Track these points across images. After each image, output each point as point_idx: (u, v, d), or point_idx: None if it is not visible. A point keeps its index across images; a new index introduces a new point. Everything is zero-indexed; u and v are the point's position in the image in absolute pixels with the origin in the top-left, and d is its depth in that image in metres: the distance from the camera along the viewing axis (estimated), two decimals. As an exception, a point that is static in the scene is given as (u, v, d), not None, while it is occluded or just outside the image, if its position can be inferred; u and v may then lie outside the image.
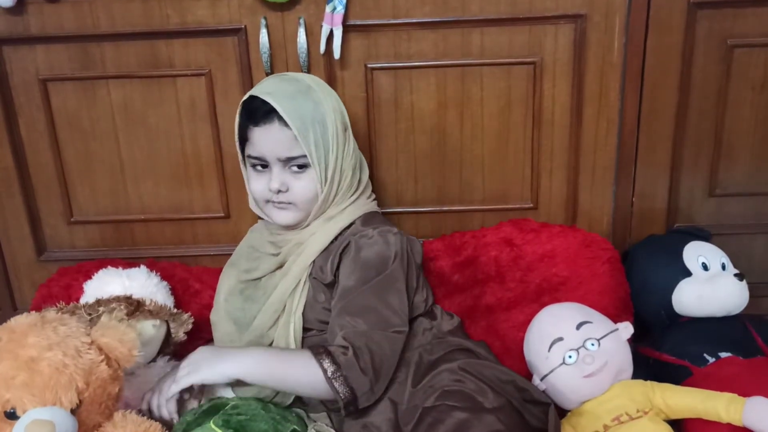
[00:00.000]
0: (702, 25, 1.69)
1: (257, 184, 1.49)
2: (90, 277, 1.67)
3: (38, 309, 1.62)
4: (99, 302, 1.53)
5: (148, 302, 1.56)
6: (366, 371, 1.35)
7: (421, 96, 1.74)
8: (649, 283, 1.73)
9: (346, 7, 1.64)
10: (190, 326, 1.64)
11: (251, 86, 1.73)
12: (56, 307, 1.54)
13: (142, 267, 1.69)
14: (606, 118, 1.75)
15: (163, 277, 1.72)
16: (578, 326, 1.50)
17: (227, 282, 1.62)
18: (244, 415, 1.35)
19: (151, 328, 1.57)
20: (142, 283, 1.63)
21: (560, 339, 1.49)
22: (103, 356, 1.32)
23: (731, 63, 1.72)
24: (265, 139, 1.44)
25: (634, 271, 1.75)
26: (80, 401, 1.27)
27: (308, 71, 1.70)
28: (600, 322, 1.52)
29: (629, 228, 1.86)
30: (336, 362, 1.34)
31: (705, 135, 1.79)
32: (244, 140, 1.49)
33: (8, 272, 1.93)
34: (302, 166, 1.45)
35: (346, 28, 1.67)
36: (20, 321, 1.31)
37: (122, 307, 1.52)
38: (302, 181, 1.46)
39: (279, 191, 1.46)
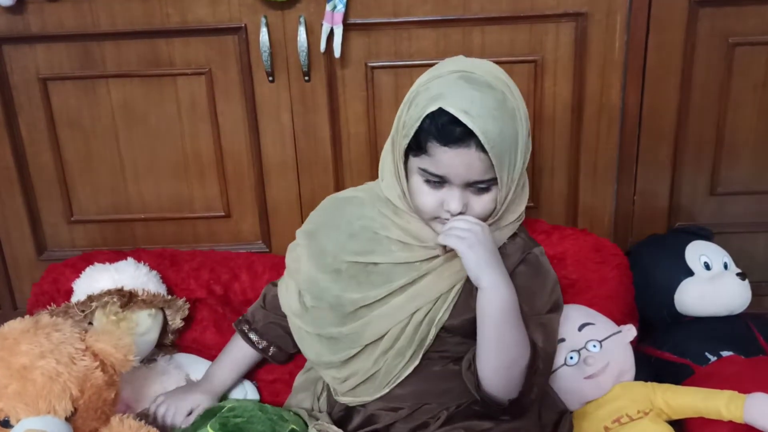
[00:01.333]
0: (703, 23, 1.69)
1: (429, 199, 1.28)
2: (77, 270, 1.66)
3: (33, 309, 1.63)
4: (91, 298, 1.53)
5: (140, 292, 1.56)
6: (537, 392, 1.33)
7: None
8: (651, 282, 1.73)
9: (347, 6, 1.64)
10: (186, 312, 1.65)
11: (251, 85, 1.74)
12: (47, 309, 1.53)
13: (130, 259, 1.67)
14: (607, 117, 1.75)
15: (151, 264, 1.70)
16: (580, 328, 1.49)
17: (322, 259, 1.43)
18: (240, 417, 1.34)
19: (147, 318, 1.58)
20: (131, 275, 1.61)
21: (562, 340, 1.48)
22: (98, 362, 1.31)
23: (732, 61, 1.72)
24: (456, 163, 1.23)
25: (637, 271, 1.75)
26: (75, 409, 1.27)
27: (309, 70, 1.70)
28: (602, 324, 1.52)
29: (630, 227, 1.86)
30: (538, 364, 1.30)
31: (706, 133, 1.79)
32: (420, 150, 1.26)
33: (9, 272, 1.94)
34: (487, 187, 1.28)
35: (347, 27, 1.67)
36: (13, 327, 1.31)
37: (115, 299, 1.52)
38: (483, 201, 1.28)
39: (461, 212, 1.28)
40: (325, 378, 1.46)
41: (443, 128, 1.22)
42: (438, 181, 1.27)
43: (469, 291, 1.34)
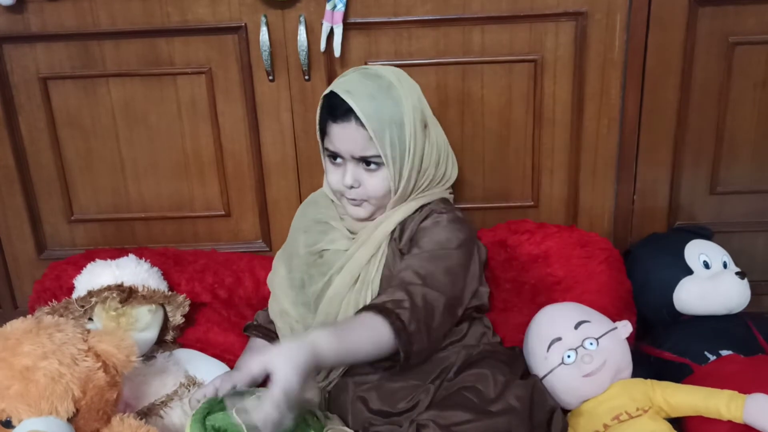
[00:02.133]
0: (703, 22, 1.69)
1: (333, 177, 1.49)
2: (79, 268, 1.67)
3: (35, 306, 1.63)
4: (90, 293, 1.53)
5: (140, 288, 1.57)
6: (422, 330, 1.36)
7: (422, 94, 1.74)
8: (650, 281, 1.73)
9: (347, 5, 1.64)
10: (186, 308, 1.65)
11: (251, 84, 1.74)
12: (49, 305, 1.54)
13: (131, 255, 1.68)
14: (607, 116, 1.75)
15: (153, 263, 1.70)
16: (576, 326, 1.49)
17: (288, 265, 1.60)
18: None
19: (147, 314, 1.58)
20: (132, 271, 1.62)
21: (559, 339, 1.48)
22: (100, 363, 1.31)
23: (732, 60, 1.72)
24: (341, 136, 1.44)
25: (636, 270, 1.75)
26: (77, 410, 1.27)
27: (309, 69, 1.70)
28: (598, 321, 1.51)
29: (630, 226, 1.86)
30: (400, 320, 1.34)
31: (706, 133, 1.79)
32: (323, 132, 1.49)
33: (9, 271, 1.94)
34: (376, 164, 1.45)
35: (347, 26, 1.67)
36: (15, 327, 1.30)
37: (114, 295, 1.52)
38: (375, 178, 1.46)
39: (351, 187, 1.47)
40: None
41: (331, 105, 1.44)
42: (337, 159, 1.47)
43: (395, 253, 1.48)
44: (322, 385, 1.53)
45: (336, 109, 1.43)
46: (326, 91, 1.45)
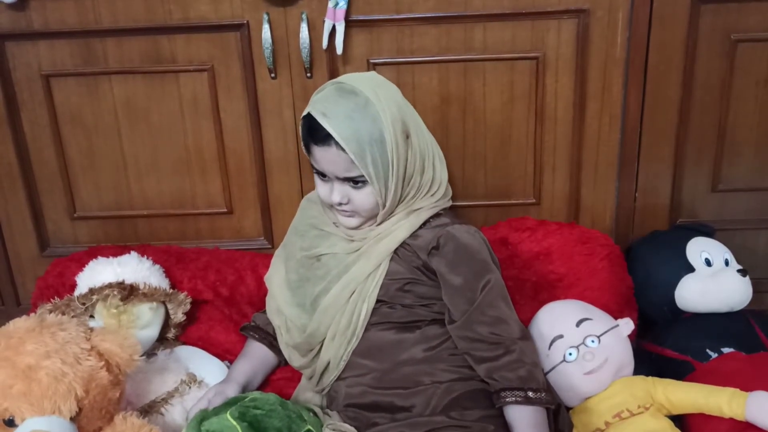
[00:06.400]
0: (705, 19, 1.69)
1: (322, 191, 1.49)
2: (82, 265, 1.67)
3: (37, 304, 1.64)
4: (92, 291, 1.54)
5: (141, 285, 1.57)
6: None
7: (424, 91, 1.74)
8: (652, 278, 1.73)
9: (349, 3, 1.64)
10: (188, 306, 1.66)
11: (253, 82, 1.74)
12: (51, 302, 1.54)
13: (133, 253, 1.69)
14: (609, 114, 1.75)
15: (156, 260, 1.71)
16: (578, 323, 1.50)
17: (285, 266, 1.61)
18: (260, 409, 1.34)
19: (148, 311, 1.59)
20: (134, 268, 1.62)
21: (560, 336, 1.49)
22: (103, 362, 1.32)
23: (735, 58, 1.72)
24: (324, 158, 1.43)
25: (637, 267, 1.75)
26: (80, 409, 1.27)
27: (311, 67, 1.70)
28: (600, 319, 1.52)
29: (632, 224, 1.86)
30: (534, 389, 1.37)
31: (708, 130, 1.79)
32: (308, 150, 1.47)
33: (11, 268, 1.94)
34: (362, 182, 1.43)
35: (349, 24, 1.67)
36: (18, 325, 1.31)
37: (115, 292, 1.53)
38: (362, 194, 1.44)
39: (340, 203, 1.46)
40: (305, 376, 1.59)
41: (310, 130, 1.42)
42: (324, 176, 1.46)
43: (398, 262, 1.47)
44: (317, 389, 1.54)
45: (316, 133, 1.41)
46: (304, 112, 1.43)
